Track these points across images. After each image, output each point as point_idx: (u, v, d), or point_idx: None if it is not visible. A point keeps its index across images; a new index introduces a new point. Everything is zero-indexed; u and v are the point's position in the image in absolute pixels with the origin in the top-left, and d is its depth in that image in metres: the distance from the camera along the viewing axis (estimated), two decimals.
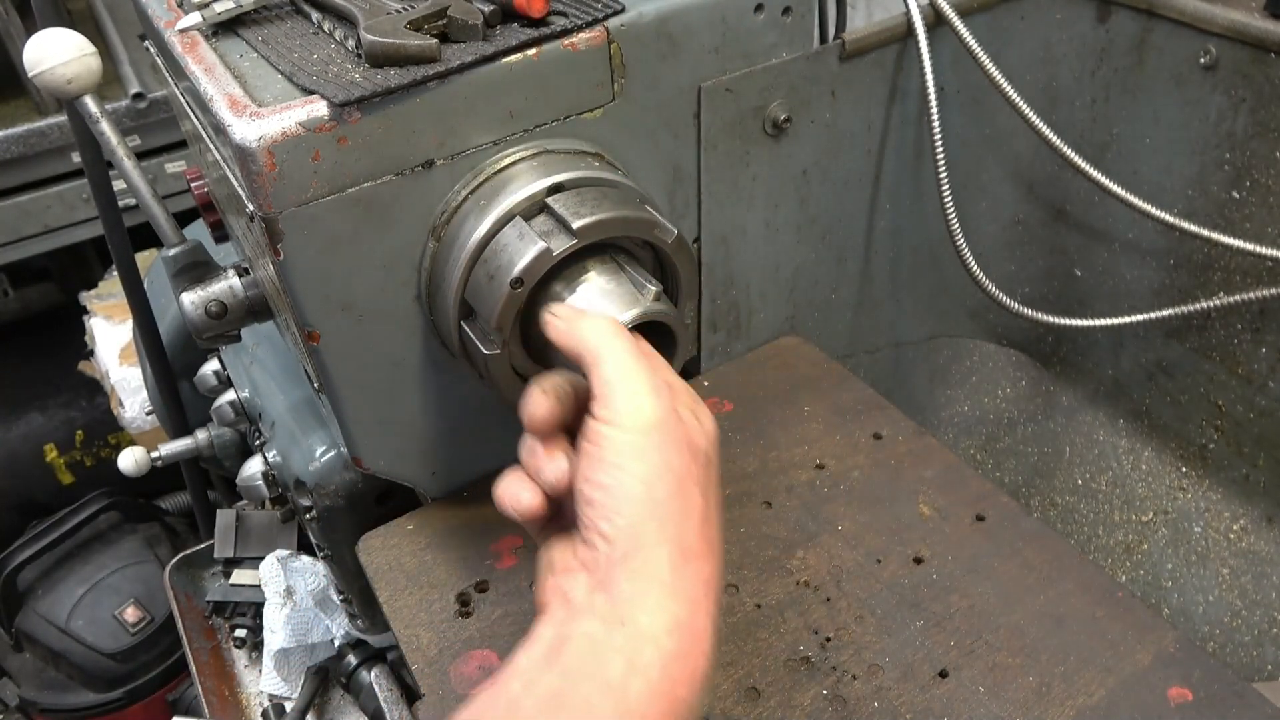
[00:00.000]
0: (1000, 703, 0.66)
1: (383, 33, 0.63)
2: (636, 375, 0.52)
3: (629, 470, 0.49)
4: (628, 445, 0.49)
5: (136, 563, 1.83)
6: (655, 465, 0.49)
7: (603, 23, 0.69)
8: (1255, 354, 1.06)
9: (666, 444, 0.50)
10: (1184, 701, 0.65)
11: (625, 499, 0.48)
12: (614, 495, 0.48)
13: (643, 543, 0.47)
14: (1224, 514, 1.15)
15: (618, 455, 0.49)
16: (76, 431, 2.04)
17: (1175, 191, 1.05)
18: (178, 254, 0.82)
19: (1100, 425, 1.28)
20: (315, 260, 0.66)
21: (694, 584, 0.48)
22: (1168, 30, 0.99)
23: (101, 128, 0.82)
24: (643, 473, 0.49)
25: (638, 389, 0.51)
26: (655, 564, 0.47)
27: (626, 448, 0.49)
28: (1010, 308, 1.05)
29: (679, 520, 0.49)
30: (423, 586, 0.78)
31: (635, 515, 0.48)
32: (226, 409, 1.10)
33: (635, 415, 0.50)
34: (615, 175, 0.70)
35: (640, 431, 0.50)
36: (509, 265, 0.64)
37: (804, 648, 0.71)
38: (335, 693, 1.19)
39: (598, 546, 0.48)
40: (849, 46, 0.88)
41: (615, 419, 0.50)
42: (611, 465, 0.49)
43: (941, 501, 0.81)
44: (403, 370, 0.75)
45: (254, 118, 0.60)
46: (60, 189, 1.84)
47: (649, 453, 0.49)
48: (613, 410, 0.51)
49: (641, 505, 0.48)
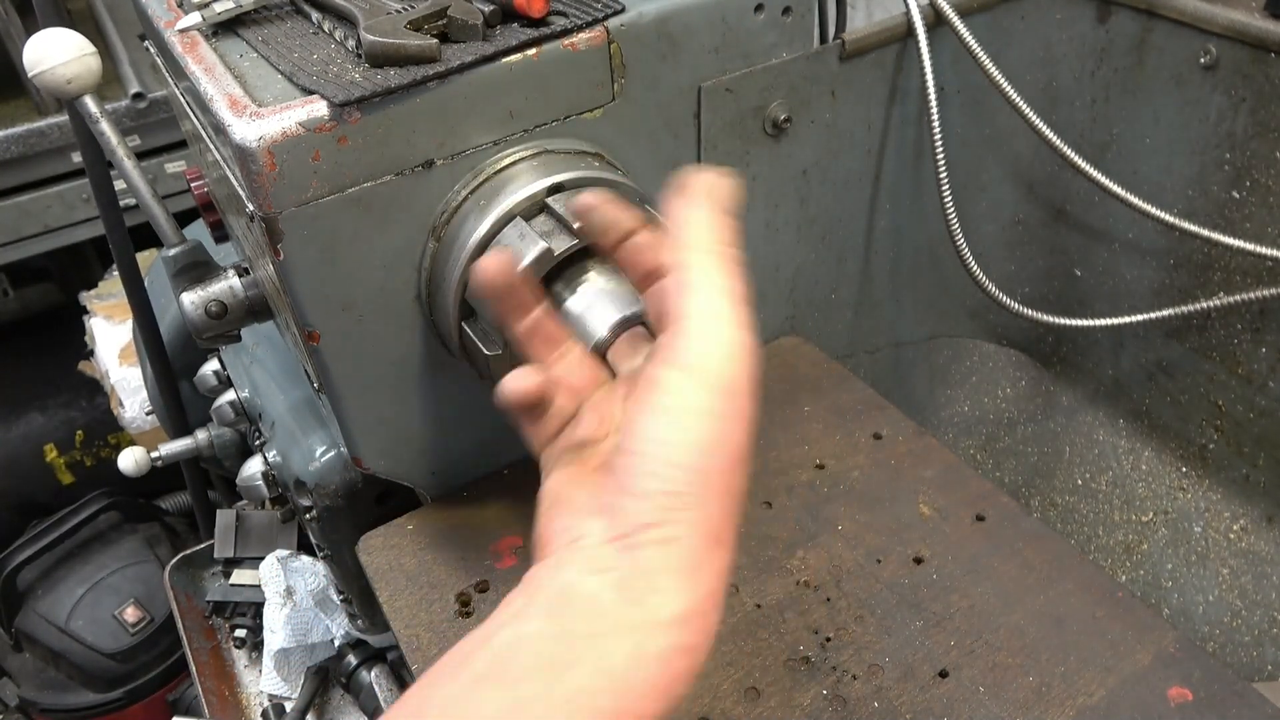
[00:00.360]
0: (1000, 703, 0.67)
1: (383, 33, 0.63)
2: (729, 323, 0.45)
3: (691, 432, 0.43)
4: (698, 404, 0.43)
5: (136, 563, 1.83)
6: (718, 435, 0.43)
7: (603, 23, 0.69)
8: (1255, 354, 1.06)
9: (736, 414, 0.44)
10: (1184, 701, 0.65)
11: (677, 463, 0.43)
12: (666, 454, 0.43)
13: (678, 515, 0.42)
14: (1224, 514, 1.15)
15: (684, 411, 0.43)
16: (76, 431, 2.04)
17: (1175, 191, 1.05)
18: (178, 254, 0.82)
19: (1100, 425, 1.28)
20: (315, 260, 0.66)
21: (713, 574, 0.43)
22: (1168, 30, 0.99)
23: (101, 128, 0.82)
24: (704, 440, 0.43)
25: (727, 340, 0.45)
26: (685, 542, 0.42)
27: (696, 405, 0.43)
28: (1010, 308, 1.05)
29: (719, 501, 0.43)
30: (423, 586, 0.78)
31: (681, 483, 0.43)
32: (226, 409, 1.10)
33: (717, 371, 0.44)
34: (615, 175, 0.70)
35: (717, 392, 0.44)
36: None
37: (804, 648, 0.71)
38: (335, 693, 1.19)
39: (627, 501, 0.43)
40: (849, 46, 0.88)
41: (693, 367, 0.44)
42: (673, 420, 0.43)
43: (941, 501, 0.81)
44: (403, 370, 0.75)
45: (254, 118, 0.60)
46: (60, 189, 1.84)
47: (717, 419, 0.43)
48: (691, 355, 0.44)
49: (691, 475, 0.43)
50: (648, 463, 0.43)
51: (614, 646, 0.40)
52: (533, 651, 0.40)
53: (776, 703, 0.68)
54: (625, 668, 0.40)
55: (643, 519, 0.42)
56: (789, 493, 0.83)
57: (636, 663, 0.40)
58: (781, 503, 0.82)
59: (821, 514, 0.81)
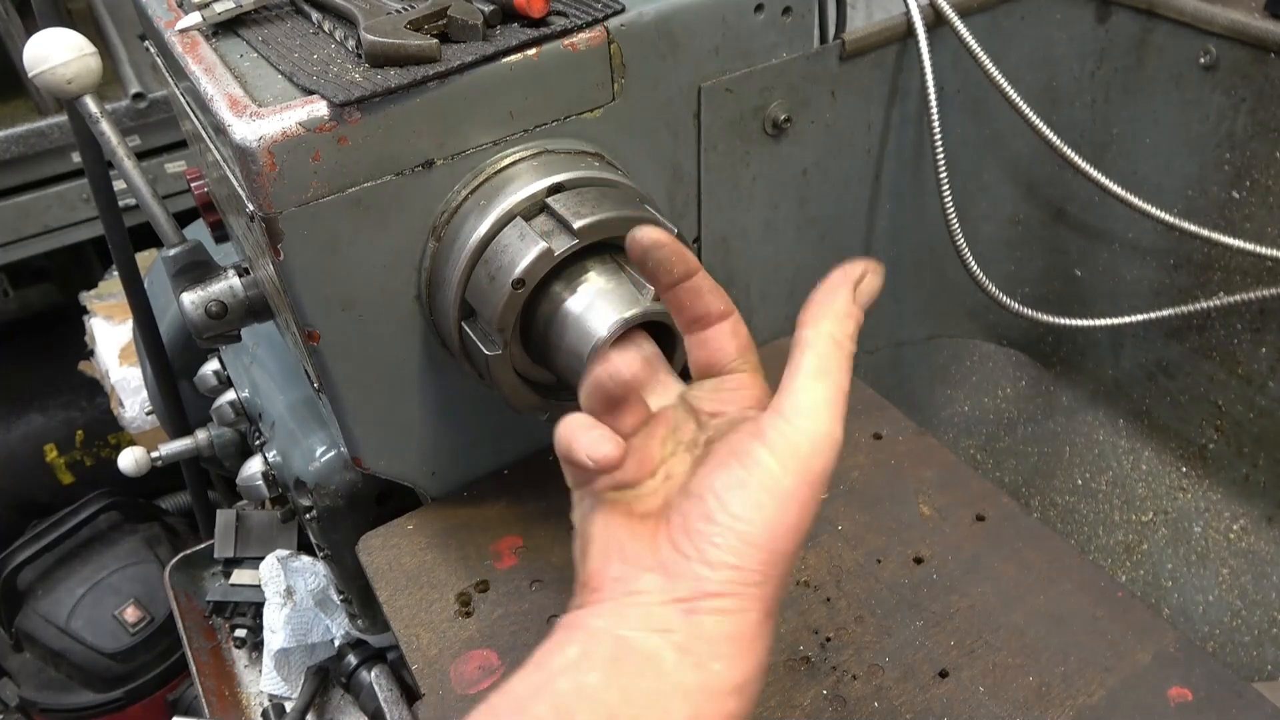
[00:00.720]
0: (1000, 703, 0.66)
1: (383, 33, 0.63)
2: (831, 418, 0.45)
3: (772, 515, 0.44)
4: (785, 488, 0.44)
5: (136, 563, 1.83)
6: (795, 521, 0.44)
7: (603, 23, 0.69)
8: (1255, 354, 1.06)
9: (814, 503, 0.45)
10: (1184, 701, 0.65)
11: (752, 541, 0.43)
12: (743, 530, 0.43)
13: (744, 591, 0.43)
14: (1224, 514, 1.15)
15: (770, 493, 0.44)
16: (76, 431, 2.04)
17: (1175, 191, 1.05)
18: (178, 254, 0.82)
19: (1100, 425, 1.28)
20: (315, 260, 0.66)
21: (765, 647, 0.44)
22: (1168, 30, 0.99)
23: (101, 128, 0.82)
24: (782, 524, 0.44)
25: (825, 433, 0.45)
26: (746, 616, 0.43)
27: (783, 490, 0.44)
28: (1010, 308, 1.05)
29: (781, 576, 0.45)
30: (423, 586, 0.78)
31: (753, 562, 0.43)
32: (226, 409, 1.10)
33: (808, 460, 0.45)
34: (615, 175, 0.70)
35: (805, 481, 0.44)
36: (510, 266, 0.64)
37: (804, 648, 0.71)
38: (335, 693, 1.19)
39: (696, 567, 0.43)
40: (849, 46, 0.88)
41: (788, 452, 0.45)
42: (757, 500, 0.44)
43: (941, 501, 0.81)
44: (403, 370, 0.75)
45: (254, 118, 0.60)
46: (60, 189, 1.84)
47: (798, 506, 0.44)
48: (790, 440, 0.45)
49: (763, 555, 0.44)
50: (724, 535, 0.44)
51: (675, 707, 0.41)
52: (595, 702, 0.41)
53: (776, 703, 0.68)
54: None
55: (708, 588, 0.43)
56: None
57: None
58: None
59: (821, 514, 0.81)
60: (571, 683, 0.42)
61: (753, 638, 0.44)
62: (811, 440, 0.45)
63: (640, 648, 0.42)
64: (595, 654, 0.43)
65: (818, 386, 0.46)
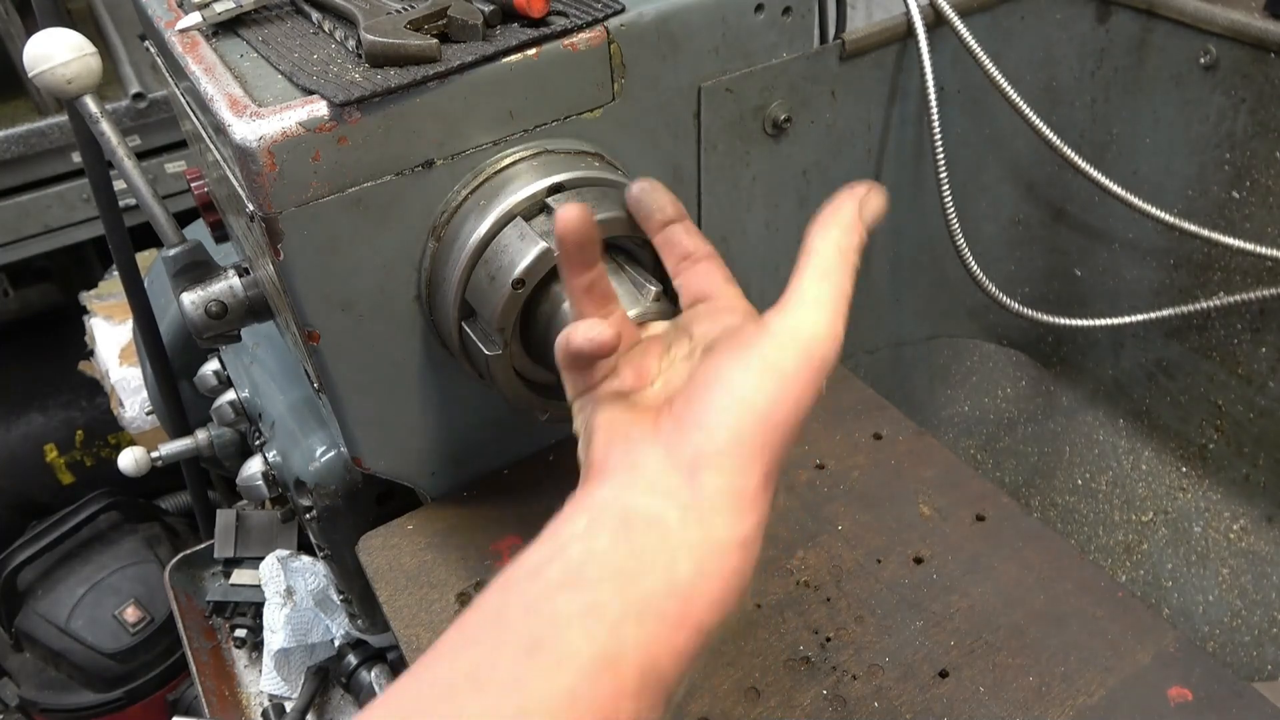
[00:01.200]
0: (1000, 703, 0.67)
1: (383, 33, 0.63)
2: (832, 312, 0.48)
3: (769, 386, 0.46)
4: (782, 365, 0.46)
5: (136, 563, 1.83)
6: (791, 393, 0.46)
7: (603, 23, 0.69)
8: (1255, 354, 1.06)
9: (811, 382, 0.47)
10: (1184, 701, 0.65)
11: (752, 410, 0.45)
12: (736, 395, 0.46)
13: (741, 452, 0.45)
14: (1224, 514, 1.15)
15: (768, 369, 0.46)
16: (76, 431, 2.04)
17: (1175, 191, 1.05)
18: (178, 254, 0.82)
19: (1100, 425, 1.28)
20: (315, 260, 0.66)
21: (762, 510, 0.46)
22: (1168, 30, 0.99)
23: (101, 128, 0.82)
24: (778, 394, 0.46)
25: (826, 324, 0.47)
26: (743, 478, 0.45)
27: (780, 367, 0.46)
28: (1010, 308, 1.05)
29: (779, 446, 0.46)
30: (423, 586, 0.78)
31: (746, 425, 0.45)
32: (226, 409, 1.10)
33: (807, 343, 0.47)
34: (615, 175, 0.70)
35: (802, 358, 0.46)
36: (510, 266, 0.64)
37: (804, 648, 0.71)
38: (335, 693, 1.19)
39: (694, 434, 0.46)
40: (849, 46, 0.88)
41: (788, 335, 0.47)
42: (752, 367, 0.46)
43: (941, 501, 0.81)
44: (403, 370, 0.75)
45: (254, 118, 0.60)
46: (60, 189, 1.84)
47: (794, 381, 0.46)
48: (789, 326, 0.47)
49: (764, 425, 0.45)
50: (725, 404, 0.46)
51: (680, 560, 0.43)
52: (605, 563, 0.43)
53: (776, 703, 0.68)
54: (690, 579, 0.43)
55: (707, 448, 0.45)
56: (789, 493, 0.83)
57: (700, 576, 0.43)
58: (781, 503, 0.82)
59: (821, 514, 0.81)
60: (582, 548, 0.44)
61: (754, 496, 0.45)
62: (813, 328, 0.47)
63: (646, 511, 0.45)
64: (603, 521, 0.45)
65: (822, 285, 0.48)
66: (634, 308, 0.62)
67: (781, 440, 0.46)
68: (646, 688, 0.41)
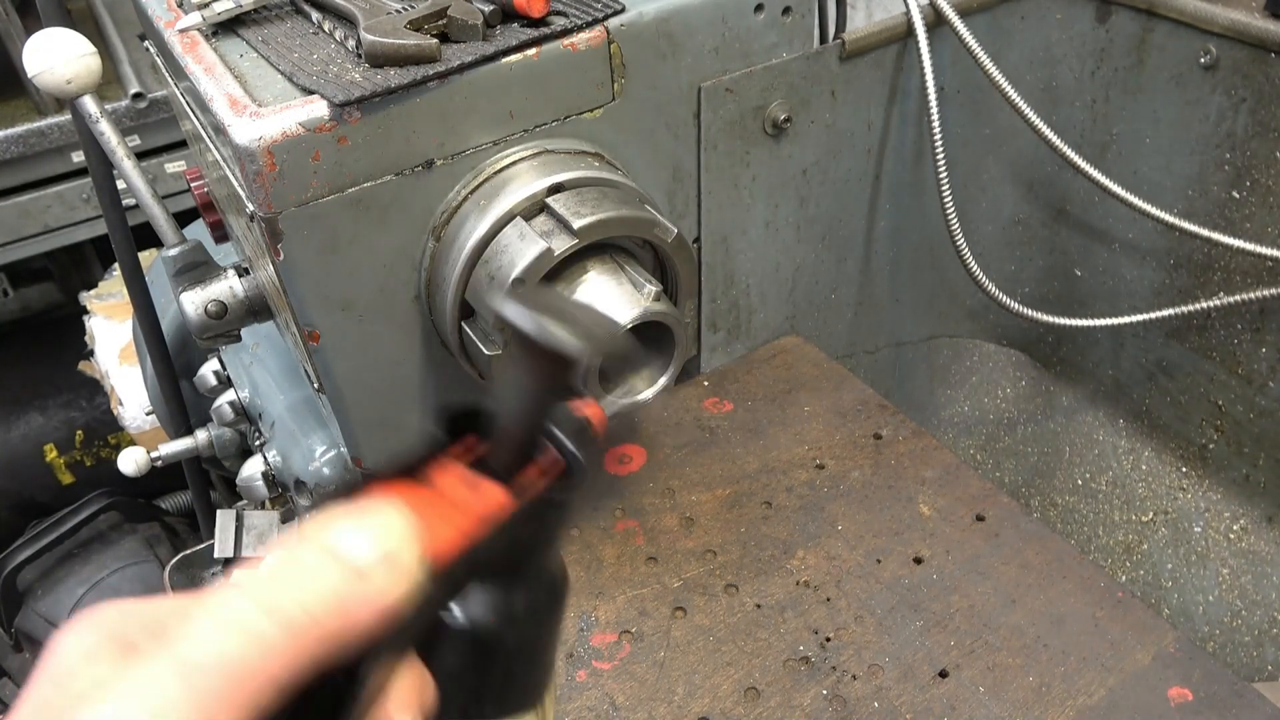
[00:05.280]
0: (1000, 703, 0.66)
1: (383, 33, 0.63)
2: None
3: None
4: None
5: (136, 563, 1.83)
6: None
7: (603, 23, 0.69)
8: (1255, 354, 1.06)
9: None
10: (1184, 701, 0.65)
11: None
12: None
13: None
14: (1224, 514, 1.15)
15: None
16: (76, 431, 2.04)
17: (1175, 191, 1.05)
18: (178, 254, 0.82)
19: (1100, 425, 1.28)
20: (315, 260, 0.66)
21: None
22: (1168, 30, 0.99)
23: (101, 128, 0.82)
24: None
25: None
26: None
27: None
28: (1010, 308, 1.05)
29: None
30: None
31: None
32: (226, 409, 1.10)
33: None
34: (615, 175, 0.70)
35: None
36: (510, 265, 0.64)
37: (804, 648, 0.71)
38: None
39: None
40: (849, 46, 0.88)
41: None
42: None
43: (941, 501, 0.81)
44: (403, 370, 0.75)
45: (254, 118, 0.60)
46: (60, 189, 1.84)
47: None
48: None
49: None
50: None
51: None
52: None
53: (776, 703, 0.68)
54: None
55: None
56: (789, 493, 0.83)
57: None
58: (781, 503, 0.82)
59: (821, 514, 0.81)
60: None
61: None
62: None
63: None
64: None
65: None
66: (634, 307, 0.62)
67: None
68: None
